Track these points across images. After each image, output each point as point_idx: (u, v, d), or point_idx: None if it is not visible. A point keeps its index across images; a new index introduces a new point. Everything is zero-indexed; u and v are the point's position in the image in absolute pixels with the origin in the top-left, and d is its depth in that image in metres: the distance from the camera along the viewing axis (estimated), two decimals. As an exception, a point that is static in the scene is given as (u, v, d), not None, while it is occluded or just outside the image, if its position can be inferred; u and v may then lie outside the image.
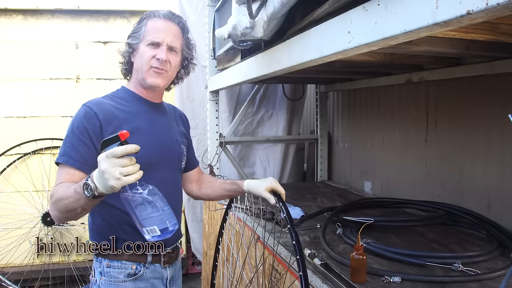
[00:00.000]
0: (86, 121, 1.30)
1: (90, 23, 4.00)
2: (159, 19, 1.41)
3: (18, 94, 3.91)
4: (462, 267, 1.40)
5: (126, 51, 1.45)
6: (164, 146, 1.46)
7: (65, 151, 1.29)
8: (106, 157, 1.03)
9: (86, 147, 1.29)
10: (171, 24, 1.41)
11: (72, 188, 1.14)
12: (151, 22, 1.40)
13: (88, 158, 1.28)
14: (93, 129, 1.30)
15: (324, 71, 2.40)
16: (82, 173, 1.26)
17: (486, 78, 1.89)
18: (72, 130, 1.31)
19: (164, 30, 1.39)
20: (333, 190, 3.03)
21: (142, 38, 1.40)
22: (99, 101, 1.38)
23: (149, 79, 1.40)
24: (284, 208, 1.30)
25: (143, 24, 1.41)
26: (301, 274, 1.12)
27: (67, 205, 1.15)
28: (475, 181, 2.04)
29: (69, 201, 1.14)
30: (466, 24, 0.75)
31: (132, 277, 1.38)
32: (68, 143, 1.30)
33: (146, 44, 1.39)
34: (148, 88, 1.45)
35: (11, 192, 3.85)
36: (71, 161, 1.27)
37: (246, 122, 3.55)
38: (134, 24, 1.46)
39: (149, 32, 1.39)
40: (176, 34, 1.42)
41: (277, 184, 1.42)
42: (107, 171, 1.02)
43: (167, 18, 1.41)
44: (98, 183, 1.06)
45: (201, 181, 1.71)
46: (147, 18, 1.42)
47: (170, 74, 1.45)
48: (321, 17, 1.20)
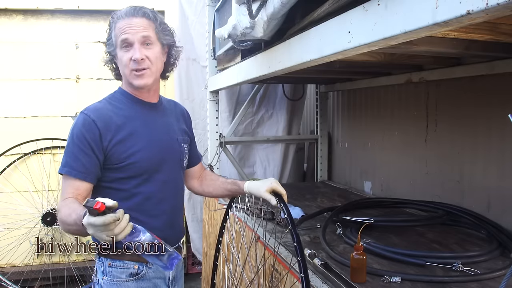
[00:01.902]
0: (85, 129, 1.31)
1: (90, 23, 4.00)
2: (123, 19, 1.37)
3: (18, 94, 3.91)
4: (462, 267, 1.40)
5: (108, 60, 1.45)
6: (164, 147, 1.45)
7: (67, 161, 1.31)
8: (89, 225, 1.03)
9: (87, 156, 1.30)
10: (136, 19, 1.37)
11: (72, 218, 1.16)
12: (118, 24, 1.38)
13: (90, 167, 1.30)
14: (92, 138, 1.30)
15: (324, 71, 2.39)
16: (86, 183, 1.30)
17: (486, 78, 1.89)
18: (72, 139, 1.32)
19: (130, 28, 1.35)
20: (333, 190, 3.03)
21: (115, 43, 1.38)
22: (97, 107, 1.38)
23: (134, 81, 1.39)
24: (285, 209, 1.29)
25: (112, 29, 1.40)
26: (302, 276, 1.13)
27: (70, 230, 1.21)
28: (475, 181, 2.04)
29: (72, 228, 1.19)
30: (466, 24, 0.75)
31: (135, 276, 1.38)
32: (69, 153, 1.31)
33: (119, 48, 1.37)
34: (140, 89, 1.43)
35: (11, 192, 3.85)
36: (74, 172, 1.29)
37: (246, 122, 3.55)
38: (106, 31, 1.44)
39: (118, 35, 1.37)
40: (145, 26, 1.37)
41: (278, 184, 1.41)
42: (96, 235, 1.05)
43: (130, 15, 1.38)
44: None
45: (203, 178, 1.70)
46: (113, 22, 1.40)
47: (154, 69, 1.41)
48: (321, 17, 1.20)
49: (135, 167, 1.36)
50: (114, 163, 1.34)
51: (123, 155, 1.34)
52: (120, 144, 1.34)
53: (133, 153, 1.35)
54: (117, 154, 1.34)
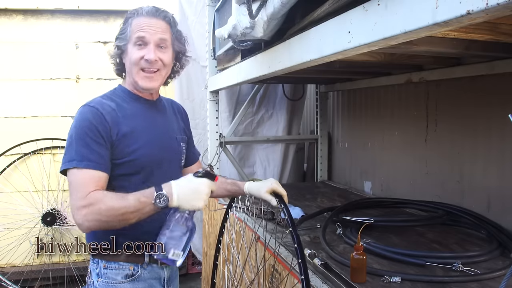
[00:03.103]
0: (95, 121, 1.28)
1: (90, 23, 4.00)
2: (144, 17, 1.36)
3: (18, 94, 3.91)
4: (462, 267, 1.40)
5: (115, 53, 1.42)
6: (164, 145, 1.45)
7: (83, 154, 1.24)
8: (210, 183, 1.24)
9: (102, 147, 1.27)
10: (156, 20, 1.37)
11: (131, 198, 1.19)
12: (136, 21, 1.36)
13: (106, 158, 1.28)
14: (104, 130, 1.28)
15: (324, 71, 2.39)
16: (106, 174, 1.28)
17: (486, 78, 1.89)
18: (83, 131, 1.27)
19: (149, 27, 1.34)
20: (333, 190, 3.03)
21: (129, 38, 1.36)
22: (100, 101, 1.35)
23: (140, 82, 1.37)
24: (285, 210, 1.28)
25: (128, 24, 1.38)
26: (303, 278, 1.12)
27: (123, 214, 1.19)
28: (475, 181, 2.04)
29: (127, 210, 1.18)
30: (466, 24, 0.75)
31: (130, 278, 1.37)
32: (83, 145, 1.25)
33: (133, 44, 1.35)
34: (143, 90, 1.42)
35: (11, 192, 3.85)
36: (93, 164, 1.24)
37: (246, 122, 3.55)
38: (120, 25, 1.42)
39: (135, 32, 1.35)
40: (163, 29, 1.38)
41: (278, 185, 1.40)
42: (203, 193, 1.22)
43: (151, 15, 1.37)
44: (182, 198, 1.20)
45: None
46: (131, 17, 1.38)
47: (164, 73, 1.41)
48: (321, 17, 1.20)
49: (136, 164, 1.35)
50: (116, 158, 1.32)
51: (125, 151, 1.33)
52: (123, 140, 1.32)
53: (134, 150, 1.34)
54: (120, 149, 1.32)
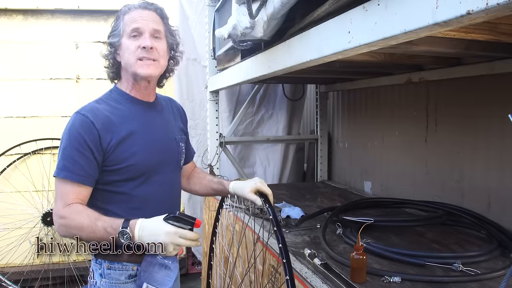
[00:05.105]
0: (83, 131, 1.26)
1: (90, 23, 4.00)
2: (135, 10, 1.37)
3: (18, 94, 3.91)
4: (462, 267, 1.40)
5: (109, 52, 1.40)
6: (163, 147, 1.43)
7: (65, 164, 1.25)
8: (175, 234, 1.15)
9: (86, 159, 1.26)
10: (148, 12, 1.37)
11: (100, 225, 1.19)
12: (128, 15, 1.36)
13: (89, 170, 1.26)
14: (92, 139, 1.26)
15: (324, 71, 2.40)
16: (87, 187, 1.28)
17: (486, 78, 1.89)
18: (69, 141, 1.27)
19: (142, 18, 1.35)
20: (333, 190, 3.03)
21: (123, 33, 1.36)
22: (93, 107, 1.33)
23: (140, 70, 1.34)
24: (270, 210, 1.25)
25: (120, 19, 1.38)
26: (288, 279, 1.09)
27: (88, 234, 1.21)
28: (475, 181, 2.04)
29: (94, 235, 1.20)
30: (466, 24, 0.75)
31: (133, 278, 1.37)
32: (67, 156, 1.26)
33: (127, 37, 1.35)
34: (143, 80, 1.38)
35: (11, 192, 3.85)
36: (74, 175, 1.24)
37: (246, 122, 3.55)
38: (111, 24, 1.42)
39: (128, 25, 1.35)
40: (156, 20, 1.38)
41: (263, 184, 1.38)
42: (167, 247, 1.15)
43: (143, 7, 1.38)
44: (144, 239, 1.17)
45: (191, 176, 1.68)
46: (122, 14, 1.38)
47: (162, 62, 1.39)
48: (321, 17, 1.20)
49: (134, 169, 1.33)
50: (112, 164, 1.30)
51: (121, 156, 1.30)
52: (119, 146, 1.30)
53: (131, 155, 1.32)
54: (115, 156, 1.30)
